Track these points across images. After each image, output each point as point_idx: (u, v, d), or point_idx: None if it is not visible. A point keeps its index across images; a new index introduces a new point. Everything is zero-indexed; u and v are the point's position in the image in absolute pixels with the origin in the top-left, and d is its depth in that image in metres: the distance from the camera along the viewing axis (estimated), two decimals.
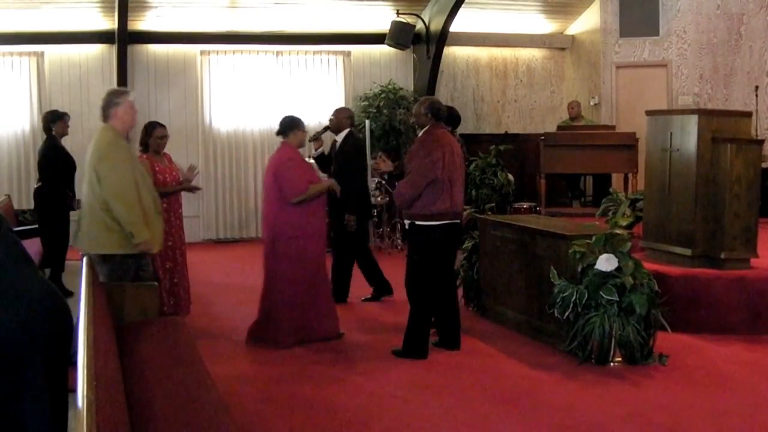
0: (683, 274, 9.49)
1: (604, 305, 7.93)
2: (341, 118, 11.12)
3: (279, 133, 9.25)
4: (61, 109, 12.28)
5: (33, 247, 10.82)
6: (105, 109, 7.88)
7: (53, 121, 11.53)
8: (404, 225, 8.90)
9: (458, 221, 8.58)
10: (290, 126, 9.21)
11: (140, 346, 6.59)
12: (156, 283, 7.80)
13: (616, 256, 8.01)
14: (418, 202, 8.30)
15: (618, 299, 7.88)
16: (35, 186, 11.82)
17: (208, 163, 17.16)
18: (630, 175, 15.12)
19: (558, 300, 8.09)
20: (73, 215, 10.60)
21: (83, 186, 7.90)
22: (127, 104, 7.92)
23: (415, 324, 8.49)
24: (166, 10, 16.37)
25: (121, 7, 15.34)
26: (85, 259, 7.22)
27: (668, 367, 7.99)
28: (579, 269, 8.15)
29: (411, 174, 8.33)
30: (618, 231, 8.25)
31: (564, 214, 14.92)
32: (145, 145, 10.03)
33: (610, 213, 11.92)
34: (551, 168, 15.25)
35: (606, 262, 7.94)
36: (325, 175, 11.20)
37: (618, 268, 7.97)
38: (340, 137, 11.05)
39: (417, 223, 8.38)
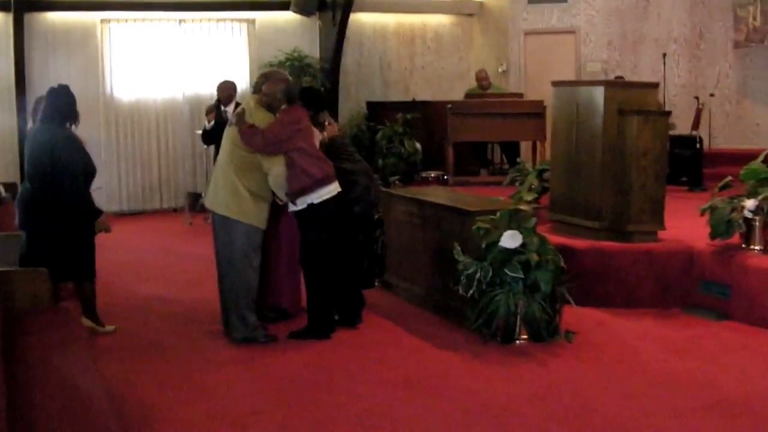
0: (590, 247, 9.35)
1: (509, 282, 7.73)
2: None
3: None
4: None
5: None
6: (257, 85, 8.49)
7: None
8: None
9: (338, 189, 8.29)
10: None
11: (27, 338, 6.26)
12: (45, 269, 7.42)
13: (521, 232, 7.81)
14: (299, 179, 8.03)
15: (523, 276, 7.68)
16: None
17: (110, 134, 16.72)
18: (538, 144, 14.99)
19: (462, 277, 7.88)
20: None
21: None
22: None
23: (313, 302, 8.24)
24: None
25: None
26: None
27: (576, 344, 7.81)
28: (483, 246, 7.93)
29: (277, 127, 8.10)
30: (522, 207, 8.03)
31: (472, 183, 14.83)
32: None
33: (517, 183, 11.76)
34: (459, 136, 15.06)
35: (510, 239, 7.74)
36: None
37: (523, 245, 7.77)
38: (230, 109, 10.77)
39: (315, 202, 8.08)
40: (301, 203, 8.07)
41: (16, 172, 14.70)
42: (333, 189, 8.12)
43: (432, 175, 15.54)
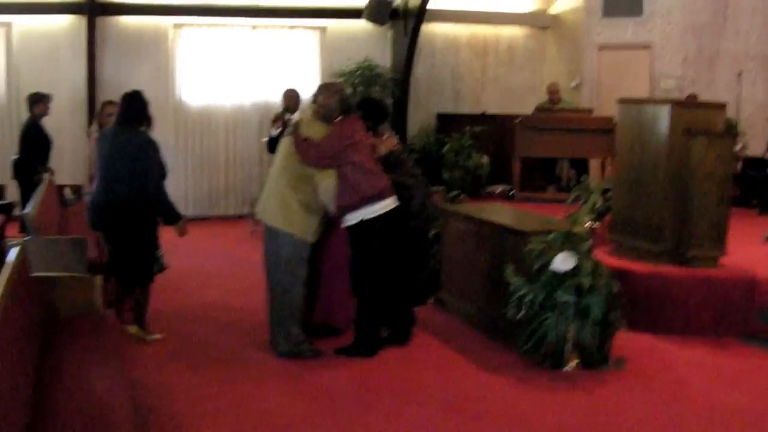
0: (649, 271, 9.13)
1: (560, 306, 7.56)
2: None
3: None
4: (40, 91, 12.68)
5: None
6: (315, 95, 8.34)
7: (35, 103, 12.34)
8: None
9: (395, 204, 8.15)
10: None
11: (65, 347, 6.23)
12: (89, 275, 7.42)
13: (575, 255, 7.63)
14: (355, 191, 7.92)
15: (575, 301, 7.50)
16: (13, 158, 12.58)
17: (179, 139, 16.75)
18: (607, 161, 14.74)
19: (513, 299, 7.73)
20: None
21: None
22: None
23: (362, 318, 8.13)
24: None
25: None
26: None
27: (626, 371, 7.64)
28: (536, 267, 7.77)
29: (328, 140, 8.01)
30: (577, 229, 7.84)
31: (538, 200, 14.61)
32: (99, 125, 9.71)
33: (580, 202, 11.55)
34: (526, 151, 14.88)
35: (562, 262, 7.56)
36: None
37: (576, 268, 7.59)
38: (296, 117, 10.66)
39: (365, 219, 7.96)
40: (352, 218, 7.96)
41: (84, 175, 14.76)
42: (386, 204, 7.99)
43: (498, 189, 15.39)
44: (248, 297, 10.03)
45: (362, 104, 8.95)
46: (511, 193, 15.02)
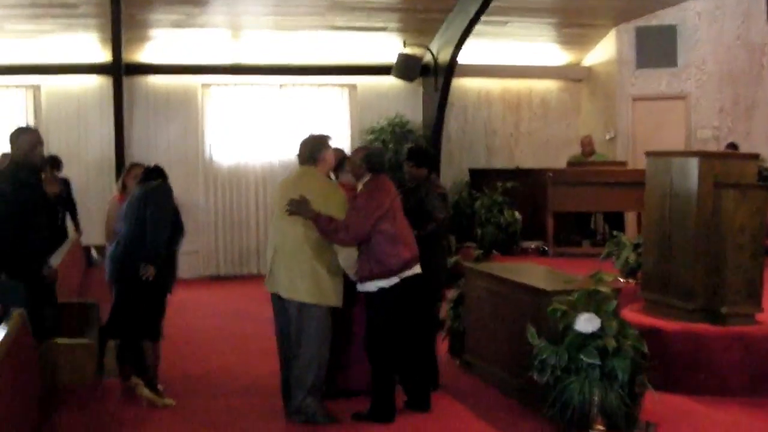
0: (681, 329, 8.75)
1: (584, 369, 7.21)
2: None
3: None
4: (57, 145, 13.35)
5: None
6: (313, 152, 7.97)
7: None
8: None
9: (419, 271, 7.90)
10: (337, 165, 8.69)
11: (65, 416, 5.99)
12: (91, 341, 7.21)
13: (600, 315, 7.29)
14: (377, 261, 7.64)
15: (600, 363, 7.15)
16: None
17: (209, 197, 16.71)
18: (642, 215, 14.36)
19: (536, 362, 7.39)
20: None
21: (276, 231, 7.96)
22: (331, 149, 8.11)
23: (377, 385, 7.83)
24: (165, 41, 15.98)
25: (115, 37, 14.89)
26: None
27: None
28: (560, 328, 7.44)
29: (353, 218, 7.69)
30: (602, 288, 7.51)
31: (573, 255, 14.32)
32: (123, 185, 9.63)
33: (613, 257, 11.23)
34: (560, 206, 14.58)
35: (586, 323, 7.23)
36: None
37: (601, 329, 7.25)
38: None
39: (384, 287, 7.69)
40: (370, 286, 7.71)
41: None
42: (409, 273, 7.74)
43: (532, 246, 15.09)
44: (265, 359, 9.68)
45: (412, 153, 9.06)
46: (544, 249, 14.67)
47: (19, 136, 7.76)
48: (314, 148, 7.97)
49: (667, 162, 9.44)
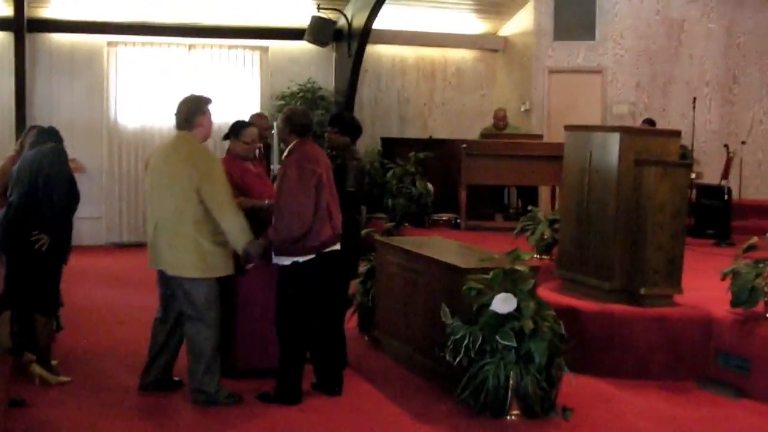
0: (598, 310, 8.50)
1: (500, 351, 6.89)
2: None
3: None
4: None
5: None
6: (189, 115, 7.37)
7: None
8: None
9: (338, 248, 7.49)
10: (230, 132, 8.17)
11: None
12: None
13: (516, 295, 6.97)
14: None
15: (516, 345, 6.84)
16: None
17: (113, 162, 16.09)
18: (558, 189, 14.12)
19: (449, 342, 7.06)
20: None
21: (158, 203, 7.27)
22: (210, 114, 7.51)
23: (284, 365, 7.42)
24: None
25: None
26: None
27: (572, 422, 6.96)
28: (475, 308, 7.10)
29: (291, 207, 7.20)
30: (519, 266, 7.18)
31: (485, 229, 14.05)
32: (21, 146, 8.98)
33: (527, 233, 10.94)
34: (473, 178, 14.21)
35: (503, 303, 6.90)
36: None
37: (517, 309, 6.93)
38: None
39: (299, 261, 7.26)
40: (283, 260, 7.29)
41: None
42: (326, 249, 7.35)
43: (444, 218, 14.74)
44: None
45: (337, 120, 8.70)
46: (457, 222, 14.36)
47: None
48: (191, 111, 7.42)
49: (587, 136, 9.16)
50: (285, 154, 7.56)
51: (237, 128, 8.09)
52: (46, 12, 15.46)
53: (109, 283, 12.13)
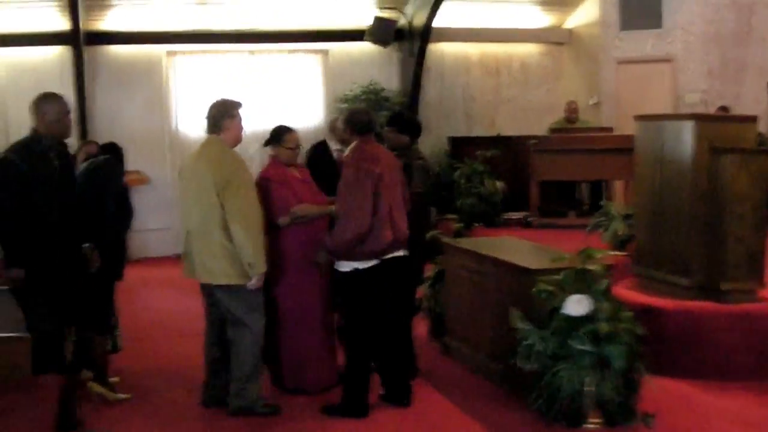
0: (678, 308, 8.10)
1: (575, 356, 6.54)
2: None
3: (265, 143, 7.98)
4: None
5: None
6: (217, 119, 7.19)
7: None
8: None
9: (402, 252, 7.17)
10: (272, 138, 7.88)
11: None
12: (27, 335, 6.49)
13: (591, 297, 6.62)
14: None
15: (592, 350, 6.48)
16: None
17: (176, 171, 15.83)
18: (631, 183, 13.68)
19: (520, 347, 6.72)
20: None
21: (188, 210, 7.09)
22: (240, 118, 7.30)
23: (350, 375, 7.13)
24: (127, 9, 15.18)
25: (72, 4, 14.10)
26: None
27: (654, 429, 6.58)
28: (547, 311, 6.76)
29: (351, 210, 6.90)
30: (592, 266, 6.82)
31: (557, 226, 13.63)
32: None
33: (601, 229, 10.56)
34: (544, 174, 13.86)
35: (576, 305, 6.55)
36: None
37: (592, 312, 6.58)
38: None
39: (359, 268, 6.96)
40: (344, 266, 7.00)
41: None
42: (390, 256, 7.04)
43: (515, 216, 14.38)
44: None
45: (394, 119, 8.30)
46: (528, 221, 13.99)
47: (45, 102, 6.89)
48: (218, 115, 7.21)
49: (659, 126, 8.78)
50: (345, 154, 7.30)
51: (279, 133, 7.82)
52: (103, 24, 15.34)
53: (175, 294, 11.90)
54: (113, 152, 8.15)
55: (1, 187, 6.57)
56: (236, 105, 7.30)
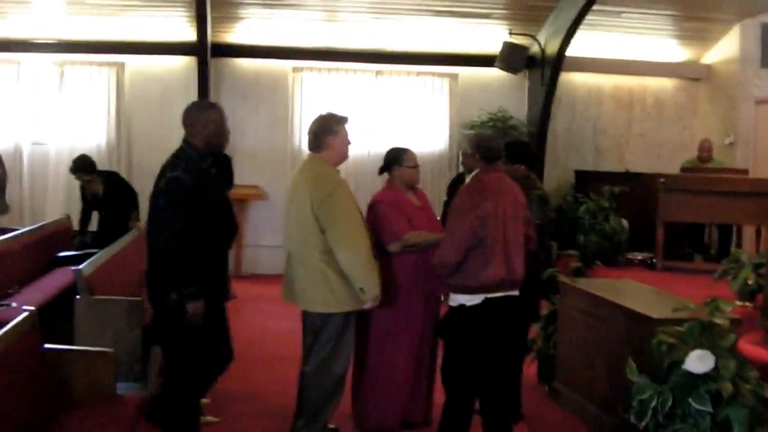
0: None
1: (693, 416, 6.04)
2: None
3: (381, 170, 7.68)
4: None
5: None
6: (319, 136, 6.91)
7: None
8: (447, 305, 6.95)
9: (516, 293, 6.74)
10: (388, 161, 7.57)
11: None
12: (110, 350, 6.24)
13: (714, 353, 6.12)
14: (461, 271, 6.50)
15: (712, 410, 5.98)
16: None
17: None
18: (763, 229, 13.04)
19: (635, 401, 6.25)
20: None
21: (289, 232, 6.79)
22: (345, 134, 7.01)
23: (448, 416, 6.73)
24: (255, 22, 15.14)
25: (200, 15, 14.06)
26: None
27: None
28: (666, 365, 6.27)
29: (451, 233, 6.53)
30: (719, 319, 6.32)
31: (683, 270, 13.04)
32: None
33: (729, 278, 9.99)
34: (671, 215, 13.25)
35: (698, 361, 6.05)
36: None
37: (715, 369, 6.07)
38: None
39: (466, 304, 6.57)
40: (454, 300, 6.63)
41: None
42: (497, 295, 6.62)
43: (638, 257, 13.81)
44: None
45: (508, 147, 7.79)
46: (652, 262, 13.42)
47: (203, 112, 6.50)
48: (320, 131, 6.92)
49: None
50: (466, 182, 6.95)
51: (396, 155, 7.49)
52: (230, 37, 15.33)
53: (279, 314, 11.62)
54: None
55: (175, 209, 6.09)
56: (341, 120, 7.01)
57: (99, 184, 11.49)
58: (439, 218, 8.51)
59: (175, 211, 6.09)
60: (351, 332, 6.90)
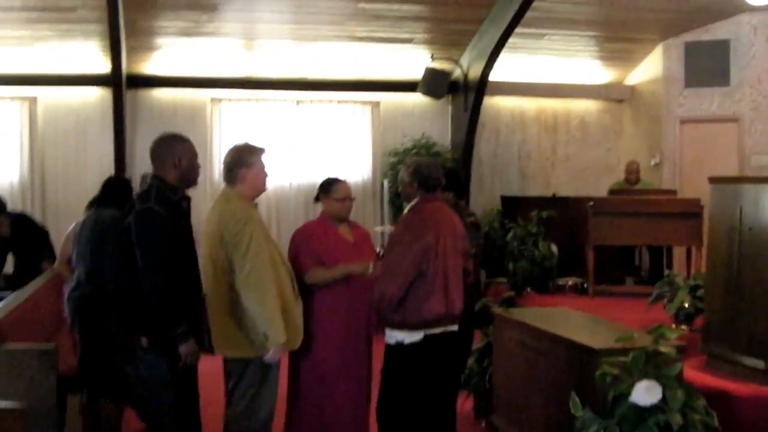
0: (754, 394, 7.25)
1: None
2: None
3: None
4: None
5: None
6: (232, 168, 6.53)
7: None
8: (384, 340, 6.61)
9: (455, 328, 6.41)
10: (319, 190, 7.24)
11: None
12: (20, 406, 5.78)
13: (661, 383, 5.81)
14: (401, 306, 6.16)
15: None
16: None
17: None
18: (694, 249, 12.86)
19: None
20: None
21: (203, 273, 6.26)
22: (261, 166, 6.61)
23: None
24: (171, 51, 14.68)
25: (114, 45, 13.58)
26: None
27: None
28: (610, 397, 5.95)
29: (394, 267, 6.18)
30: (664, 348, 6.02)
31: (615, 294, 12.91)
32: None
33: (664, 301, 9.76)
34: (601, 239, 13.00)
35: (646, 393, 5.73)
36: None
37: (663, 400, 5.77)
38: None
39: (404, 342, 6.22)
40: (390, 337, 6.28)
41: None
42: (435, 331, 6.29)
43: (569, 282, 13.56)
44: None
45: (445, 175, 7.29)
46: (584, 287, 13.18)
47: (172, 146, 6.24)
48: (233, 163, 6.55)
49: (736, 190, 7.97)
50: (404, 212, 6.61)
51: (327, 185, 7.12)
52: (147, 67, 14.90)
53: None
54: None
55: (153, 241, 5.78)
56: (255, 151, 6.63)
57: (6, 226, 10.94)
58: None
59: (154, 242, 5.79)
60: (274, 374, 6.47)
